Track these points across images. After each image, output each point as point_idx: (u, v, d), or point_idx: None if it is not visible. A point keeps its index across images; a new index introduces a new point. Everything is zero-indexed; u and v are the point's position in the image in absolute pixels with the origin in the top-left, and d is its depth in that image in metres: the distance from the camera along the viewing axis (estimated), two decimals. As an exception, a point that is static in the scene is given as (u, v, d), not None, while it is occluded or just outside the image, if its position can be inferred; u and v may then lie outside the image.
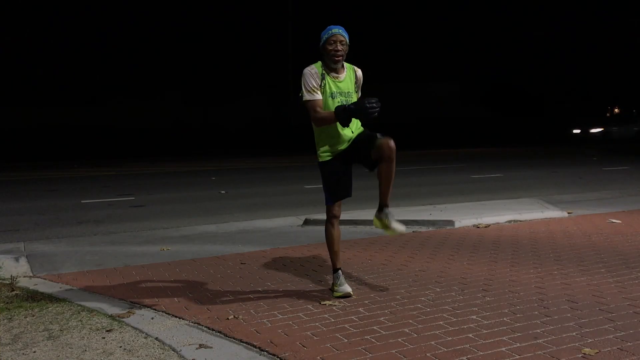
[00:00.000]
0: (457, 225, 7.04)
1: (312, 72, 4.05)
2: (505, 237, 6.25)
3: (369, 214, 7.74)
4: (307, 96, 4.00)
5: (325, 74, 4.08)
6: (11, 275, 4.80)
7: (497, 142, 32.24)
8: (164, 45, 31.10)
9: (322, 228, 7.23)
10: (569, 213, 7.84)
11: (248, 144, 27.23)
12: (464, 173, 14.92)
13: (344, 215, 7.69)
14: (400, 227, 4.01)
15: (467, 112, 35.22)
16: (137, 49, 30.60)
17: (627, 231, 6.37)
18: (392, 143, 3.87)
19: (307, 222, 7.58)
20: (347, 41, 4.07)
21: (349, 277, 4.66)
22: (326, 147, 4.17)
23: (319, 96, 4.01)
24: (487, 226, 6.98)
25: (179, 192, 11.54)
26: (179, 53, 31.38)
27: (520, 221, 7.30)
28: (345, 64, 4.16)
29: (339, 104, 4.03)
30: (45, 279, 4.93)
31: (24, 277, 4.98)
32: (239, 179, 14.20)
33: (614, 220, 7.06)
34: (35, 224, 7.98)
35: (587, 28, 39.84)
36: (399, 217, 7.20)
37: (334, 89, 4.06)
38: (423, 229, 6.98)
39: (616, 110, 48.81)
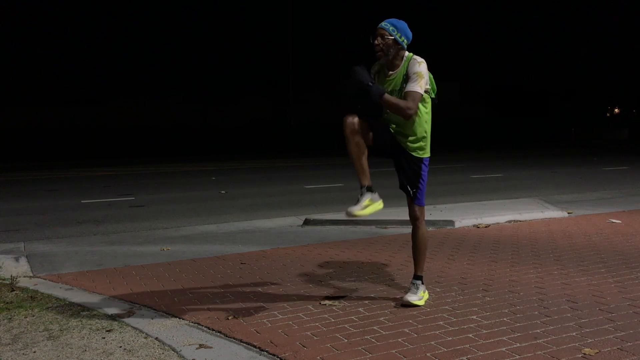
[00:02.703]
0: (457, 225, 7.05)
1: (372, 70, 3.94)
2: (505, 237, 6.25)
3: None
4: None
5: (381, 71, 3.90)
6: (11, 275, 4.80)
7: (497, 142, 32.25)
8: (165, 46, 31.09)
9: (322, 228, 7.29)
10: (569, 213, 7.84)
11: (248, 144, 27.22)
12: (464, 173, 14.92)
13: (343, 215, 7.70)
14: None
15: (467, 112, 35.21)
16: (138, 49, 30.59)
17: (627, 231, 6.38)
18: (415, 212, 3.87)
19: (307, 222, 7.58)
20: (391, 33, 3.74)
21: (348, 277, 4.66)
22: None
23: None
24: (487, 226, 6.98)
25: (179, 192, 11.54)
26: (179, 53, 31.38)
27: (520, 221, 7.30)
28: (408, 56, 3.83)
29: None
30: (45, 279, 4.92)
31: (24, 277, 4.98)
32: (239, 179, 14.20)
33: (614, 220, 7.06)
34: (35, 224, 7.98)
35: (587, 28, 39.84)
36: (399, 217, 7.24)
37: (384, 87, 3.81)
38: (423, 229, 6.97)
39: (616, 110, 48.85)
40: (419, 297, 3.85)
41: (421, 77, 3.72)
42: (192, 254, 5.79)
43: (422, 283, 3.94)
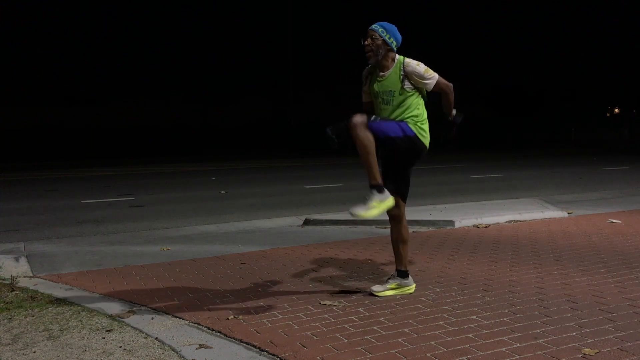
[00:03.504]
0: (457, 225, 7.04)
1: (363, 74, 4.10)
2: (505, 237, 6.25)
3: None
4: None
5: (374, 73, 4.03)
6: (11, 275, 4.80)
7: (497, 142, 32.25)
8: (165, 46, 31.10)
9: (322, 228, 7.28)
10: (569, 213, 7.84)
11: (248, 144, 27.24)
12: (464, 173, 14.92)
13: (343, 216, 7.73)
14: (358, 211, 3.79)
15: (467, 112, 35.16)
16: (138, 49, 30.61)
17: (627, 231, 6.37)
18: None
19: (307, 222, 7.58)
20: (380, 35, 3.90)
21: (348, 277, 4.66)
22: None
23: (364, 98, 4.14)
24: (487, 226, 6.98)
25: (179, 192, 11.54)
26: (179, 53, 31.40)
27: (520, 221, 7.30)
28: (399, 58, 3.96)
29: (380, 104, 3.98)
30: (45, 279, 4.92)
31: (24, 277, 4.98)
32: (239, 179, 14.20)
33: (614, 220, 7.06)
34: (35, 224, 7.98)
35: (587, 28, 39.85)
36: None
37: (376, 89, 3.99)
38: (423, 229, 6.98)
39: (616, 110, 48.85)
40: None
41: (429, 71, 3.93)
42: (192, 254, 5.79)
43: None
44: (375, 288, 4.10)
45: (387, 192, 3.82)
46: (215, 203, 9.92)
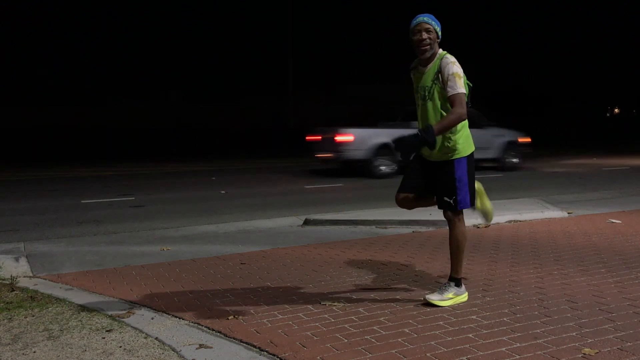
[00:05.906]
0: (457, 225, 7.03)
1: (411, 75, 3.94)
2: (505, 237, 6.25)
3: (369, 214, 7.76)
4: None
5: (415, 68, 3.90)
6: (11, 275, 4.80)
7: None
8: (164, 45, 31.12)
9: (322, 228, 7.28)
10: (569, 213, 7.84)
11: (248, 144, 27.25)
12: (464, 173, 14.89)
13: (343, 216, 7.73)
14: None
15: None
16: (138, 49, 30.62)
17: (627, 231, 6.38)
18: (448, 214, 3.93)
19: (307, 222, 7.58)
20: (435, 28, 3.77)
21: (348, 277, 4.66)
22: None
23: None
24: (487, 226, 6.98)
25: (179, 192, 11.54)
26: (180, 53, 31.42)
27: (520, 221, 7.30)
28: (440, 53, 3.81)
29: (419, 100, 3.86)
30: (45, 279, 4.92)
31: (24, 277, 4.98)
32: (239, 179, 14.20)
33: (614, 220, 7.06)
34: (35, 224, 7.98)
35: (587, 28, 39.87)
36: (399, 217, 7.24)
37: (416, 84, 3.88)
38: (423, 229, 6.98)
39: (616, 110, 48.87)
40: (442, 297, 3.79)
41: (459, 77, 3.70)
42: (192, 254, 5.79)
43: (456, 285, 3.87)
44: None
45: (463, 288, 3.92)
46: (215, 203, 9.92)
